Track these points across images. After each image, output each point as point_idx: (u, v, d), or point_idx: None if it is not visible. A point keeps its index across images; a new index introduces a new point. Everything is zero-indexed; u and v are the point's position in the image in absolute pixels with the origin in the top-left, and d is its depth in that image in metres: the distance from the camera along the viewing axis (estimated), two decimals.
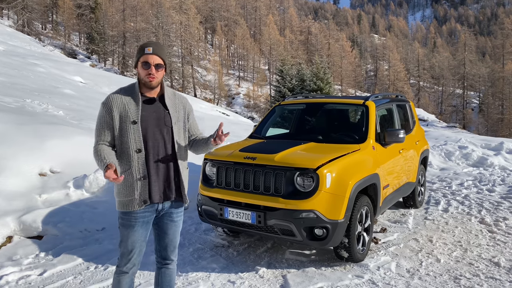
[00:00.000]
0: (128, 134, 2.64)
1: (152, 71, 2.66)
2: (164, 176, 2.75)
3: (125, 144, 2.66)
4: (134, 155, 2.64)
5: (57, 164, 5.99)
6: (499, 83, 70.37)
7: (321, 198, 3.83)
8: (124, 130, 2.65)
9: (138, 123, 2.65)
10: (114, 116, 2.65)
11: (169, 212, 2.83)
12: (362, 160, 4.42)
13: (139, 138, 2.66)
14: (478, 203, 6.64)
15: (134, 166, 2.64)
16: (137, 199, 2.65)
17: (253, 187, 4.09)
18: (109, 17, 55.80)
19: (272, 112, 5.84)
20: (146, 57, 2.66)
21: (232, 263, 4.32)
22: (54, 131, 6.77)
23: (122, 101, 2.68)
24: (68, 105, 11.54)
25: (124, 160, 2.66)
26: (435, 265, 4.29)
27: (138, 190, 2.66)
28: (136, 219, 2.70)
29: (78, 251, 4.46)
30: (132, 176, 2.65)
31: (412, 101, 6.90)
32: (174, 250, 2.92)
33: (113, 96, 2.70)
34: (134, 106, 2.68)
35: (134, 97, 2.71)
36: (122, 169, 2.65)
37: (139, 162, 2.65)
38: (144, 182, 2.66)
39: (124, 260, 2.74)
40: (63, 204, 5.28)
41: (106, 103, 2.68)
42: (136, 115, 2.66)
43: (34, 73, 17.39)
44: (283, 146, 4.38)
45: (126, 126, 2.65)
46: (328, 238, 3.87)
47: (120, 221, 2.74)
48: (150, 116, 2.72)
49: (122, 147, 2.67)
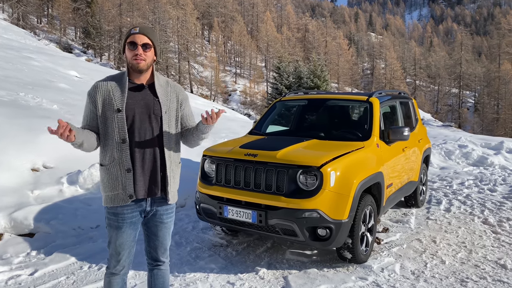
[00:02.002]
0: (112, 123, 2.45)
1: (139, 51, 2.44)
2: (149, 169, 2.53)
3: (109, 134, 2.46)
4: (119, 146, 2.45)
5: (51, 159, 5.82)
6: (495, 82, 70.59)
7: (324, 197, 3.69)
8: (108, 118, 2.46)
9: (122, 111, 2.45)
10: (98, 104, 2.46)
11: (159, 213, 2.63)
12: (367, 158, 4.28)
13: (123, 128, 2.45)
14: (480, 203, 6.53)
15: (118, 158, 2.46)
16: (121, 193, 2.47)
17: (254, 185, 3.94)
18: (105, 11, 55.25)
19: (272, 108, 5.69)
20: (132, 37, 2.46)
21: (231, 263, 4.18)
22: (48, 125, 6.57)
23: (107, 88, 2.48)
24: (62, 99, 11.32)
25: (109, 151, 2.48)
26: (440, 266, 4.16)
27: (123, 183, 2.47)
28: (124, 220, 2.52)
29: (71, 249, 4.29)
30: (116, 168, 2.47)
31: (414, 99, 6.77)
32: (165, 252, 2.75)
33: (99, 83, 2.51)
34: (119, 93, 2.48)
35: (120, 83, 2.51)
36: (106, 161, 2.49)
37: (123, 153, 2.45)
38: (129, 175, 2.47)
39: (113, 261, 2.58)
40: (56, 201, 5.11)
41: (91, 91, 2.49)
42: (121, 103, 2.45)
43: (29, 66, 17.12)
44: (285, 143, 4.23)
45: (110, 115, 2.45)
46: (331, 239, 3.73)
47: (107, 221, 2.58)
48: (137, 104, 2.51)
49: (107, 137, 2.48)
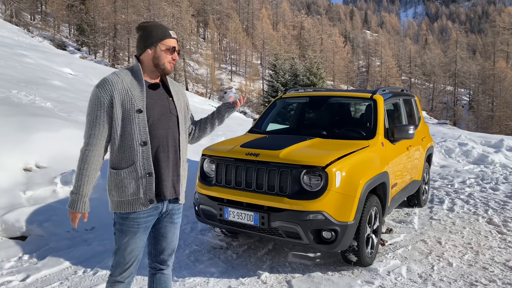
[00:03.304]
0: (132, 124, 2.28)
1: (175, 56, 2.43)
2: (172, 170, 2.44)
3: (128, 136, 2.28)
4: (139, 149, 2.29)
5: (43, 158, 5.62)
6: (490, 80, 70.80)
7: (330, 199, 3.54)
8: (127, 119, 2.27)
9: (144, 112, 2.30)
10: (115, 103, 2.25)
11: (170, 213, 2.52)
12: (372, 158, 4.13)
13: (145, 129, 2.30)
14: (483, 202, 6.42)
15: (138, 161, 2.30)
16: (142, 198, 2.32)
17: (256, 185, 3.78)
18: (100, 8, 54.65)
19: (273, 105, 5.53)
20: (171, 41, 2.40)
21: (232, 267, 4.03)
22: (41, 123, 6.39)
23: (123, 85, 2.29)
24: (56, 97, 11.11)
25: (126, 154, 2.30)
26: (448, 269, 4.03)
27: (144, 188, 2.32)
28: (139, 225, 2.36)
29: (65, 253, 4.12)
30: (136, 172, 2.30)
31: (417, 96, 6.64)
32: (171, 254, 2.61)
33: (113, 78, 2.29)
34: (138, 92, 2.32)
35: (138, 81, 2.35)
36: (123, 165, 2.31)
37: (143, 156, 2.31)
38: (149, 179, 2.33)
39: (119, 269, 2.41)
40: (50, 202, 4.92)
41: (105, 87, 2.25)
42: (141, 103, 2.30)
43: (22, 64, 16.85)
44: (287, 142, 4.08)
45: (129, 115, 2.27)
46: (337, 242, 3.59)
47: (117, 226, 2.38)
48: (155, 104, 2.38)
49: (124, 139, 2.29)
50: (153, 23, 2.46)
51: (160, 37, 2.38)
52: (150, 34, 2.39)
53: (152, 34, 2.39)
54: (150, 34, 2.39)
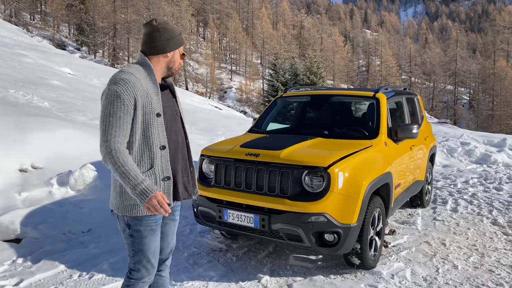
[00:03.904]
0: (152, 128, 2.22)
1: (183, 61, 2.46)
2: (184, 172, 2.43)
3: (147, 140, 2.22)
4: (158, 153, 2.25)
5: (40, 159, 5.52)
6: (490, 79, 70.64)
7: (332, 200, 3.44)
8: (148, 124, 2.21)
9: (161, 116, 2.27)
10: (138, 106, 2.16)
11: (172, 209, 2.46)
12: (375, 158, 4.03)
13: (163, 133, 2.27)
14: (487, 203, 6.31)
15: (157, 165, 2.25)
16: None
17: (256, 187, 3.68)
18: (99, 8, 54.49)
19: (273, 104, 5.42)
20: (183, 47, 2.42)
21: (232, 270, 3.92)
22: (37, 123, 6.28)
23: (143, 88, 2.20)
24: (54, 97, 11.02)
25: (145, 158, 2.23)
26: (453, 272, 3.93)
27: (163, 191, 2.26)
28: (156, 222, 2.31)
29: (60, 256, 4.01)
30: (155, 176, 2.25)
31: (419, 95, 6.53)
32: (171, 252, 2.58)
33: (133, 80, 2.17)
34: (155, 95, 2.26)
35: (153, 83, 2.28)
36: (142, 169, 2.23)
37: (162, 160, 2.27)
38: (168, 183, 2.29)
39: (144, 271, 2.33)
40: (45, 203, 4.82)
41: (127, 88, 2.12)
42: (159, 106, 2.26)
43: (21, 63, 16.74)
44: (288, 142, 3.97)
45: (149, 119, 2.22)
46: (339, 244, 3.48)
47: (133, 228, 2.27)
48: (167, 106, 2.35)
49: (143, 143, 2.22)
50: (172, 25, 2.37)
51: (180, 42, 2.37)
52: (173, 38, 2.33)
53: (176, 38, 2.34)
54: (173, 38, 2.33)
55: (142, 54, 2.32)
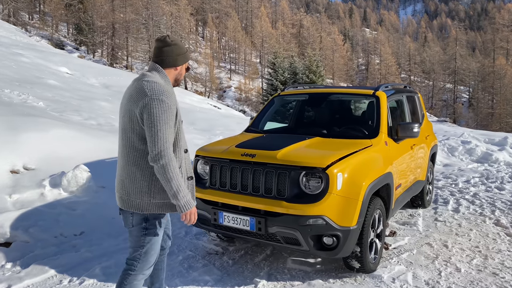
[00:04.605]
0: (180, 134, 2.53)
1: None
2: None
3: (177, 144, 2.51)
4: (183, 155, 2.56)
5: (32, 159, 5.39)
6: (490, 77, 70.51)
7: (331, 202, 3.31)
8: (178, 130, 2.51)
9: (182, 122, 2.58)
10: (177, 114, 2.48)
11: None
12: (375, 158, 3.90)
13: (184, 138, 2.60)
14: (489, 203, 6.20)
15: (183, 167, 2.54)
16: None
17: (252, 188, 3.55)
18: (98, 7, 54.24)
19: (270, 103, 5.29)
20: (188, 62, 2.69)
21: (228, 274, 3.80)
22: (30, 123, 6.15)
23: (175, 98, 2.50)
24: (50, 96, 10.89)
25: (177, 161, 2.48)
26: (456, 275, 3.81)
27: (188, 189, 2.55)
28: (165, 219, 2.64)
29: (51, 260, 3.88)
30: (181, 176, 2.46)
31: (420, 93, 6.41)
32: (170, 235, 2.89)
33: (171, 90, 2.50)
34: (177, 103, 2.51)
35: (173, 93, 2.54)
36: None
37: (186, 162, 2.59)
38: (192, 182, 2.62)
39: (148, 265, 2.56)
40: (37, 206, 4.69)
41: (171, 98, 2.42)
42: (180, 114, 2.54)
43: (17, 63, 16.60)
44: (285, 142, 3.85)
45: (179, 126, 2.53)
46: (338, 248, 3.36)
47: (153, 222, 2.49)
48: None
49: (176, 147, 2.50)
50: (182, 43, 2.64)
51: (188, 58, 2.65)
52: (182, 54, 2.59)
53: (185, 55, 2.61)
54: (182, 54, 2.59)
55: (158, 66, 2.53)
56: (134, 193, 2.41)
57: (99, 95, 14.30)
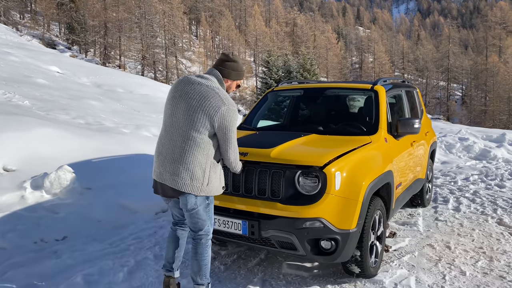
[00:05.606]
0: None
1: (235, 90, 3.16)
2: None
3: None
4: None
5: (13, 160, 5.12)
6: (483, 75, 70.76)
7: (329, 203, 3.08)
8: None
9: None
10: None
11: None
12: (375, 155, 3.67)
13: None
14: (491, 201, 6.00)
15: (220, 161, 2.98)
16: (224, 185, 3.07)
17: (244, 189, 3.31)
18: (90, 6, 53.64)
19: (264, 99, 5.05)
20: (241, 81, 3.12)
21: (219, 281, 3.55)
22: (12, 122, 5.87)
23: None
24: (38, 95, 10.58)
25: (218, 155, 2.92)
26: (461, 279, 3.59)
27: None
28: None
29: (28, 268, 3.60)
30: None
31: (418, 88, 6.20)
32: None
33: None
34: None
35: None
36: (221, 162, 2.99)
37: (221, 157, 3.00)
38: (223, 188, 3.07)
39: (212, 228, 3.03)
40: (16, 209, 4.42)
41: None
42: None
43: (6, 61, 16.23)
44: (280, 139, 3.61)
45: None
46: (337, 252, 3.13)
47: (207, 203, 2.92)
48: None
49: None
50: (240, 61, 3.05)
51: (240, 76, 3.07)
52: (239, 71, 3.03)
53: (241, 72, 3.04)
54: (239, 71, 3.03)
55: (218, 73, 2.93)
56: (194, 181, 2.77)
57: (90, 94, 13.99)
